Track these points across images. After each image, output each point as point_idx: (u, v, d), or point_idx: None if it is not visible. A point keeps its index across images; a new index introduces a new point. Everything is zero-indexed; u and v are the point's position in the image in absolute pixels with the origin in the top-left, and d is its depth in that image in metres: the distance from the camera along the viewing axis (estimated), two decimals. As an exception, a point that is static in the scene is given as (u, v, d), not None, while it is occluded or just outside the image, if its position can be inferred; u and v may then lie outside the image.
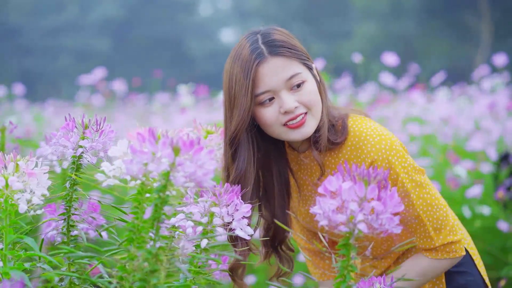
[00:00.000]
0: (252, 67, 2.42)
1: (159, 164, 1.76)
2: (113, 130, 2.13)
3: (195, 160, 1.78)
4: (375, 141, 2.48)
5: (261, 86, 2.44)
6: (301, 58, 2.48)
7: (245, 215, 2.10)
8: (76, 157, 2.13)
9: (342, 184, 1.87)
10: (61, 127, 2.10)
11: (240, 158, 2.51)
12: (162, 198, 1.81)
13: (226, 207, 2.09)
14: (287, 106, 2.43)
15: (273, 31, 2.51)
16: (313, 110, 2.48)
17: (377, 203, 1.83)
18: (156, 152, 1.77)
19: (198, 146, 1.79)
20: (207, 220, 2.08)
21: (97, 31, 31.54)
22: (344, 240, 1.89)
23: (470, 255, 2.69)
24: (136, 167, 1.77)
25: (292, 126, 2.46)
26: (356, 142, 2.50)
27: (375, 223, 1.85)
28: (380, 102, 6.23)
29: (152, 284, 1.79)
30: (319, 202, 1.87)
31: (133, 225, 1.85)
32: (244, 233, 2.09)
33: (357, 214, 1.83)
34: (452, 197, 4.99)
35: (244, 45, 2.49)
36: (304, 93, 2.46)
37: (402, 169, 2.46)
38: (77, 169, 2.13)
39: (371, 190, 1.84)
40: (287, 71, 2.44)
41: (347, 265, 1.90)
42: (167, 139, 1.78)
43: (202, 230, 2.08)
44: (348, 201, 1.85)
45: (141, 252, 1.80)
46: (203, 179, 1.79)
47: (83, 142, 2.11)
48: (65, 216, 2.13)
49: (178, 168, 1.76)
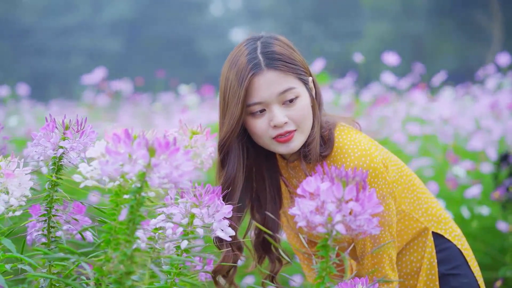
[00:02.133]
0: (246, 77, 2.41)
1: (134, 165, 1.76)
2: (94, 130, 2.12)
3: (171, 161, 1.77)
4: (355, 156, 2.46)
5: (253, 97, 2.43)
6: (297, 72, 2.46)
7: (226, 216, 2.10)
8: (57, 158, 2.12)
9: (320, 185, 1.86)
10: (41, 127, 2.09)
11: (229, 164, 2.52)
12: (138, 200, 1.80)
13: (207, 208, 2.09)
14: (277, 121, 2.42)
15: (274, 41, 2.49)
16: (302, 127, 2.47)
17: (355, 204, 1.82)
18: (132, 153, 1.76)
19: (174, 147, 1.78)
20: (187, 221, 2.07)
21: (109, 31, 31.59)
22: (323, 241, 1.88)
23: (464, 257, 2.67)
24: (111, 168, 1.76)
25: (280, 140, 2.46)
26: (338, 154, 2.49)
27: (353, 224, 1.84)
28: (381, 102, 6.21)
29: (127, 286, 1.78)
30: (298, 203, 1.87)
31: (109, 226, 1.85)
32: (224, 234, 2.08)
33: (335, 215, 1.82)
34: (451, 197, 4.96)
35: (243, 52, 2.48)
36: (296, 108, 2.44)
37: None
38: (58, 170, 2.13)
39: (349, 191, 1.83)
40: (281, 85, 2.43)
41: (326, 267, 1.89)
42: (142, 140, 1.77)
43: (182, 232, 2.07)
44: (326, 202, 1.84)
45: (116, 254, 1.79)
46: (179, 180, 1.78)
47: (64, 143, 2.11)
48: (46, 217, 2.12)
49: (153, 169, 1.76)
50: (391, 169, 2.56)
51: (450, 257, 2.64)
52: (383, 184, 2.47)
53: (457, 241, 2.67)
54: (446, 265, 2.64)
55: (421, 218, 2.63)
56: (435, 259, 2.62)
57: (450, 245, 2.65)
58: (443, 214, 2.68)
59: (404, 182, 2.63)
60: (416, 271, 2.64)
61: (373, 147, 2.50)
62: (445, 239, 2.65)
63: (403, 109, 6.23)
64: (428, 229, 2.63)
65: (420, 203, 2.64)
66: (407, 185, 2.64)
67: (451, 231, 2.67)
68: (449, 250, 2.65)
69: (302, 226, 1.85)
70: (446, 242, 2.65)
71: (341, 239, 1.87)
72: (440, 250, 2.64)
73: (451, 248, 2.65)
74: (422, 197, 2.66)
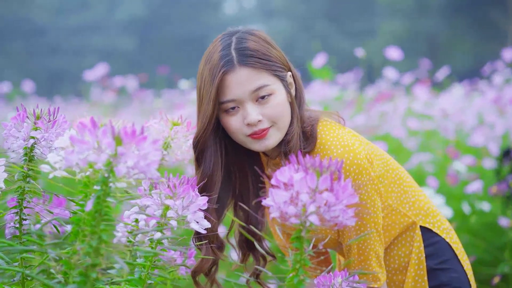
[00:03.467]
0: (218, 74, 2.35)
1: (100, 154, 1.71)
2: (66, 120, 2.07)
3: (138, 150, 1.72)
4: (337, 152, 2.40)
5: (226, 94, 2.37)
6: (272, 69, 2.39)
7: (201, 208, 2.05)
8: (28, 148, 2.07)
9: (293, 175, 1.80)
10: (12, 117, 2.04)
11: (205, 162, 2.46)
12: (105, 190, 1.75)
13: (181, 200, 2.04)
14: (250, 119, 2.36)
15: (248, 37, 2.42)
16: (279, 124, 2.40)
17: (328, 194, 1.77)
18: (98, 142, 1.72)
19: (141, 136, 1.73)
20: (161, 213, 2.02)
21: (123, 30, 31.62)
22: (297, 232, 1.83)
23: (454, 250, 2.61)
24: (76, 157, 1.72)
25: (255, 137, 2.39)
26: (320, 150, 2.43)
27: (327, 215, 1.78)
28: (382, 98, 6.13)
29: (92, 278, 1.73)
30: (271, 194, 1.81)
31: (77, 218, 1.80)
32: (199, 226, 2.04)
33: (309, 206, 1.77)
34: (451, 193, 4.90)
35: (217, 47, 2.42)
36: (270, 106, 2.38)
37: (356, 186, 2.39)
38: (30, 160, 2.08)
39: (323, 181, 1.78)
40: (253, 82, 2.36)
41: (300, 259, 1.84)
42: (108, 128, 1.72)
43: (156, 224, 2.02)
44: (300, 193, 1.78)
45: (81, 246, 1.74)
46: (146, 170, 1.73)
47: (35, 133, 2.06)
48: (17, 209, 2.08)
49: (120, 158, 1.71)
50: (376, 163, 2.50)
51: (439, 251, 2.58)
52: (368, 180, 2.41)
53: (446, 235, 2.61)
54: (435, 260, 2.57)
55: (408, 212, 2.57)
56: (423, 254, 2.56)
57: (438, 239, 2.59)
58: (431, 207, 2.62)
59: (391, 176, 2.57)
60: (404, 266, 2.58)
61: (356, 142, 2.44)
62: (433, 233, 2.59)
63: (403, 105, 6.15)
64: (416, 223, 2.57)
65: (407, 197, 2.58)
66: (394, 179, 2.58)
67: (439, 224, 2.61)
68: (437, 244, 2.59)
69: (275, 217, 1.80)
70: (434, 236, 2.59)
71: (316, 231, 1.82)
72: (429, 244, 2.58)
73: (440, 242, 2.59)
74: (409, 191, 2.59)
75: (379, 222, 2.45)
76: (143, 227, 2.02)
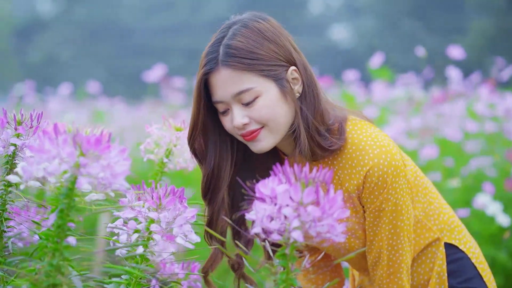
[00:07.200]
0: (201, 75, 2.19)
1: (60, 165, 1.58)
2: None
3: (102, 160, 1.59)
4: (374, 153, 2.19)
5: (215, 95, 2.20)
6: (258, 69, 2.17)
7: (189, 220, 1.90)
8: (9, 156, 1.96)
9: (275, 187, 1.64)
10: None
11: (207, 158, 2.29)
12: (68, 204, 1.62)
13: (167, 212, 1.89)
14: (235, 123, 2.18)
15: (240, 31, 2.22)
16: (271, 125, 2.19)
17: (313, 208, 1.60)
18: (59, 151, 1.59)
19: (105, 144, 1.59)
20: (144, 226, 1.88)
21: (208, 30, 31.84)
22: (281, 249, 1.66)
23: (479, 271, 2.38)
24: (34, 168, 1.59)
25: (247, 139, 2.21)
26: (353, 150, 2.22)
27: (312, 231, 1.61)
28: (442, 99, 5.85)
29: (53, 299, 1.60)
30: (254, 207, 1.65)
31: (45, 233, 1.68)
32: (185, 241, 1.89)
33: (292, 221, 1.60)
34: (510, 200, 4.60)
35: (211, 40, 2.27)
36: (256, 109, 2.17)
37: (392, 190, 2.19)
38: (11, 168, 1.97)
39: (307, 194, 1.61)
40: (234, 86, 2.17)
41: (286, 278, 1.67)
42: (69, 136, 1.59)
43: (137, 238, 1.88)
44: (283, 206, 1.62)
45: (42, 264, 1.61)
46: (112, 182, 1.59)
47: (15, 140, 1.94)
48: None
49: (81, 169, 1.57)
50: (408, 169, 2.30)
51: (462, 269, 2.35)
52: (404, 183, 2.21)
53: (472, 254, 2.38)
54: (458, 278, 2.34)
55: (433, 226, 2.35)
56: (445, 273, 2.34)
57: (462, 255, 2.36)
58: (456, 221, 2.40)
59: (418, 185, 2.36)
60: (424, 284, 2.36)
61: (391, 142, 2.24)
62: (457, 249, 2.36)
63: (461, 106, 5.87)
64: (440, 240, 2.35)
65: (432, 209, 2.36)
66: (420, 188, 2.37)
67: (465, 241, 2.38)
68: (461, 261, 2.36)
69: (257, 233, 1.64)
70: (458, 252, 2.36)
71: (303, 247, 1.65)
72: (452, 261, 2.35)
73: (464, 259, 2.36)
74: (434, 202, 2.38)
75: (411, 231, 2.25)
76: (124, 241, 1.88)
